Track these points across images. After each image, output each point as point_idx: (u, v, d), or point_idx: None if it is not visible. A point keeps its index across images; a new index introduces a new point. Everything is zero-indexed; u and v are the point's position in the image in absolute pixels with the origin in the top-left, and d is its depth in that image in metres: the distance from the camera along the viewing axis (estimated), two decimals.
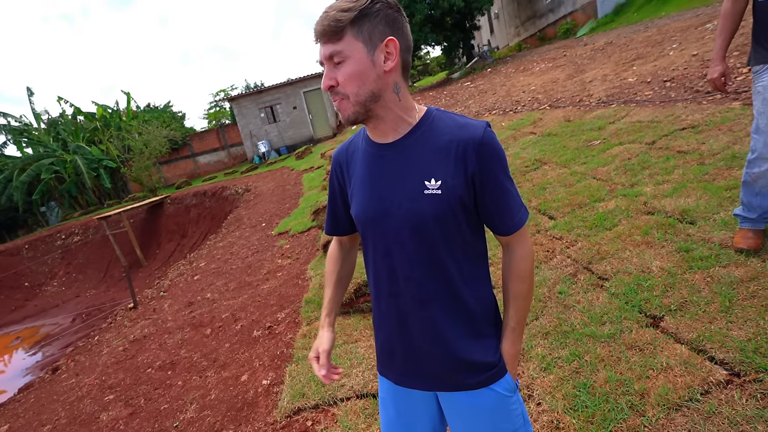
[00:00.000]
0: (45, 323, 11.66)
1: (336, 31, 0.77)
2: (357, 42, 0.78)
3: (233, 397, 2.65)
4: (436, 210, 0.82)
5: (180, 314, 4.68)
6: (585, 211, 3.11)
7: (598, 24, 13.68)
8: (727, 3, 1.89)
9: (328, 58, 0.80)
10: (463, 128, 0.83)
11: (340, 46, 0.78)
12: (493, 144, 0.82)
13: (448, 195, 0.82)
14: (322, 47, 0.80)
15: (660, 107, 4.53)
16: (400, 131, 0.86)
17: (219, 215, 12.40)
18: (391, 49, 0.81)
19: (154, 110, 24.18)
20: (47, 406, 3.69)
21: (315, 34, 0.80)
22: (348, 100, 0.81)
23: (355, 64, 0.79)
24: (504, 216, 0.87)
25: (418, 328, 0.91)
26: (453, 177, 0.82)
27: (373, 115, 0.84)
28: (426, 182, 0.83)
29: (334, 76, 0.80)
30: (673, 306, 1.90)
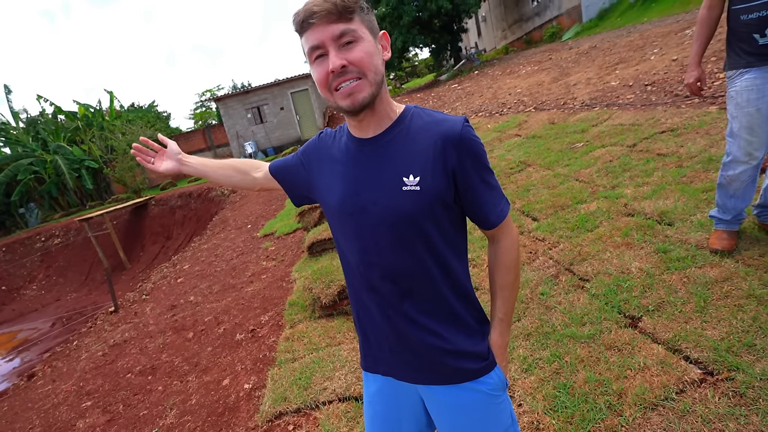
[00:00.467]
0: (23, 328, 11.33)
1: (348, 10, 0.75)
2: (363, 27, 0.78)
3: (214, 402, 2.61)
4: (415, 206, 0.81)
5: (162, 318, 4.59)
6: (567, 212, 3.15)
7: (582, 28, 13.92)
8: (703, 10, 1.94)
9: (338, 38, 0.75)
10: (441, 124, 0.82)
11: (353, 25, 0.76)
12: (472, 138, 0.81)
13: (428, 191, 0.80)
14: (326, 28, 0.75)
15: (641, 110, 4.61)
16: (381, 125, 0.85)
17: (204, 217, 12.25)
18: (384, 42, 0.84)
19: (138, 110, 23.78)
20: (21, 414, 3.58)
21: (316, 14, 0.74)
22: (365, 80, 0.77)
23: (369, 45, 0.78)
24: (488, 209, 0.86)
25: (402, 321, 0.89)
26: (432, 173, 0.80)
27: (375, 103, 0.82)
28: (404, 178, 0.81)
29: (345, 55, 0.76)
30: (650, 306, 1.93)
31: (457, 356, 0.89)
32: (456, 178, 0.81)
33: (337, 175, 0.90)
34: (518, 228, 3.22)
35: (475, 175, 0.82)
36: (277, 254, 5.21)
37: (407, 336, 0.89)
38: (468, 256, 0.98)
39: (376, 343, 0.96)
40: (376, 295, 0.89)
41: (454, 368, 0.89)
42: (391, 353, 0.93)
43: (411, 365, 0.92)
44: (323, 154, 0.96)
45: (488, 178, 0.85)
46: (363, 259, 0.88)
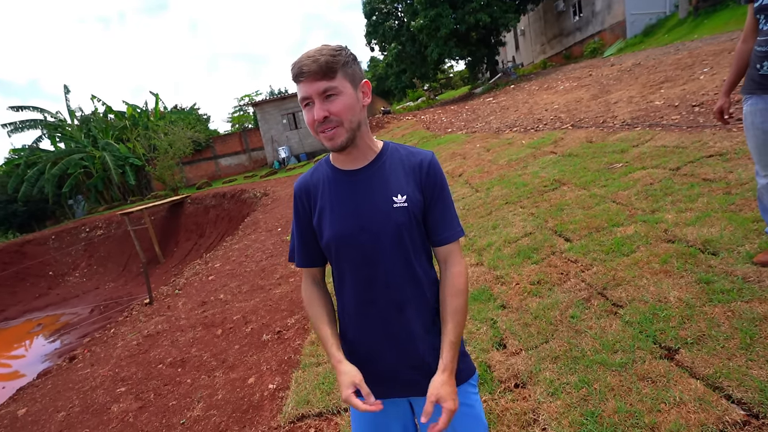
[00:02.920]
0: (65, 312, 12.02)
1: (331, 71, 0.91)
2: (346, 81, 0.94)
3: (239, 399, 2.68)
4: (404, 219, 0.98)
5: (193, 313, 4.77)
6: (602, 235, 3.06)
7: (626, 44, 13.55)
8: (739, 43, 2.08)
9: (321, 93, 0.91)
10: (416, 155, 1.04)
11: (334, 83, 0.92)
12: (437, 166, 1.04)
13: (412, 206, 0.99)
14: (312, 84, 0.91)
15: (687, 132, 4.44)
16: (367, 158, 1.03)
17: (236, 217, 12.63)
18: (365, 89, 0.99)
19: (181, 112, 24.95)
20: (63, 393, 3.80)
21: (305, 73, 0.91)
22: (342, 127, 0.94)
23: (348, 98, 0.94)
24: (446, 225, 1.03)
25: (396, 330, 1.02)
26: (413, 191, 1.00)
27: (354, 143, 0.98)
28: (394, 198, 0.99)
29: (327, 107, 0.92)
30: (689, 339, 1.85)
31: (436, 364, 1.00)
32: (425, 195, 1.02)
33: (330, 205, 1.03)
34: (549, 247, 3.17)
35: (439, 194, 1.03)
36: None
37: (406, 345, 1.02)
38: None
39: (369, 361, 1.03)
40: (373, 307, 1.02)
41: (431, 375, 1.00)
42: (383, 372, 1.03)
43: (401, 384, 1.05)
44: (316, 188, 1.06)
45: (449, 200, 1.05)
46: (362, 274, 1.01)
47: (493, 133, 8.45)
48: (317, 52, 0.92)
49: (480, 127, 9.66)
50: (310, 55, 0.92)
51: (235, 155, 21.56)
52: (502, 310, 2.61)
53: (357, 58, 1.00)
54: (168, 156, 18.06)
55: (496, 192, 4.84)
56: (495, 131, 8.59)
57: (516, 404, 1.86)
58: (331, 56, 0.91)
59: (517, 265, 3.08)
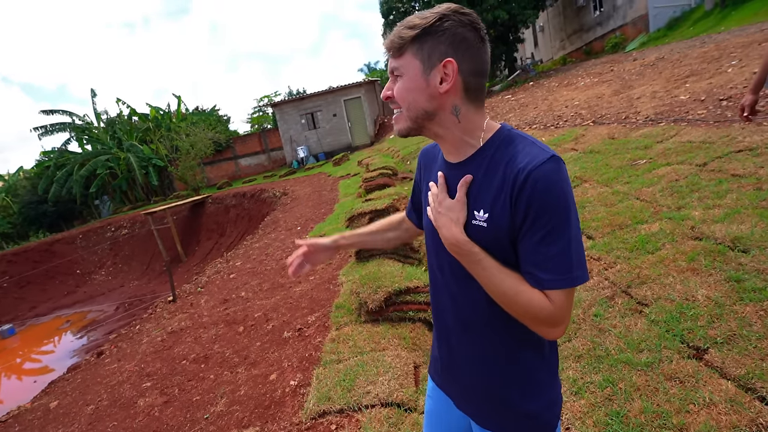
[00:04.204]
0: (92, 309, 12.43)
1: (398, 48, 0.80)
2: (415, 60, 0.79)
3: (261, 395, 2.73)
4: (480, 242, 0.78)
5: (215, 310, 4.87)
6: (626, 232, 2.99)
7: (649, 38, 13.19)
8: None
9: (391, 72, 0.84)
10: (519, 157, 0.75)
11: (399, 62, 0.81)
12: (547, 182, 0.71)
13: (494, 229, 0.77)
14: (390, 60, 0.84)
15: (714, 127, 4.30)
16: (462, 153, 0.84)
17: (256, 217, 12.82)
18: (448, 71, 0.77)
19: (202, 113, 25.44)
20: (91, 387, 3.94)
21: (384, 46, 0.85)
22: (403, 114, 0.84)
23: (409, 81, 0.81)
24: (538, 266, 0.73)
25: (456, 347, 0.92)
26: (501, 209, 0.76)
27: (430, 132, 0.85)
28: (475, 212, 0.79)
29: (392, 87, 0.84)
30: (719, 338, 1.80)
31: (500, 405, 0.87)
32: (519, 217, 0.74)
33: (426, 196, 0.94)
34: None
35: (535, 223, 0.72)
36: None
37: (456, 365, 0.94)
38: None
39: (435, 357, 1.01)
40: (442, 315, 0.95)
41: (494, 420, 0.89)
42: (443, 372, 1.00)
43: (457, 393, 0.97)
44: (428, 167, 0.99)
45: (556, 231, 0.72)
46: (435, 277, 0.94)
47: None
48: (401, 23, 0.81)
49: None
50: (399, 23, 0.82)
51: (254, 155, 21.88)
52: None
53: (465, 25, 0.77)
54: (190, 156, 18.47)
55: None
56: None
57: None
58: (406, 28, 0.79)
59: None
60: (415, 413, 2.07)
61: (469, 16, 0.77)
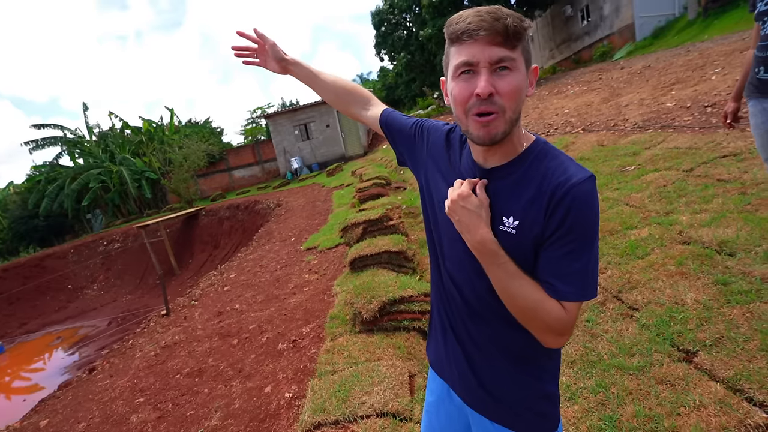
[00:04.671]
0: (84, 325, 12.24)
1: (517, 37, 0.70)
2: (522, 58, 0.73)
3: (256, 408, 2.70)
4: (503, 248, 0.77)
5: (209, 323, 4.83)
6: (616, 238, 3.04)
7: (636, 47, 13.47)
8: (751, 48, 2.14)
9: (495, 62, 0.70)
10: (559, 174, 0.74)
11: (515, 54, 0.71)
12: (587, 201, 0.72)
13: (522, 237, 0.76)
14: (485, 48, 0.70)
15: (699, 133, 4.39)
16: (502, 159, 0.81)
17: (250, 228, 12.78)
18: (533, 77, 0.78)
19: (195, 125, 25.47)
20: (83, 404, 3.87)
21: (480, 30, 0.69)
22: (503, 115, 0.73)
23: (521, 78, 0.73)
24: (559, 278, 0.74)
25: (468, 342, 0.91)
26: (532, 220, 0.75)
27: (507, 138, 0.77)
28: (504, 218, 0.78)
29: (495, 84, 0.71)
30: (708, 341, 1.82)
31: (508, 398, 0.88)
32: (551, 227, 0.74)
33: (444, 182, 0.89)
34: None
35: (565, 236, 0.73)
36: (320, 268, 5.36)
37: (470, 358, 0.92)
38: None
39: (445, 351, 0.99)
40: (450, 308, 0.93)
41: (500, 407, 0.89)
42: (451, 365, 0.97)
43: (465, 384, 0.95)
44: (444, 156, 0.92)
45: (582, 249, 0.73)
46: (447, 269, 0.91)
47: None
48: (499, 9, 0.70)
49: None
50: (491, 11, 0.70)
51: (248, 167, 21.87)
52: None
53: None
54: (183, 169, 18.41)
55: None
56: None
57: None
58: (519, 19, 0.70)
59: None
60: (410, 423, 2.06)
61: None
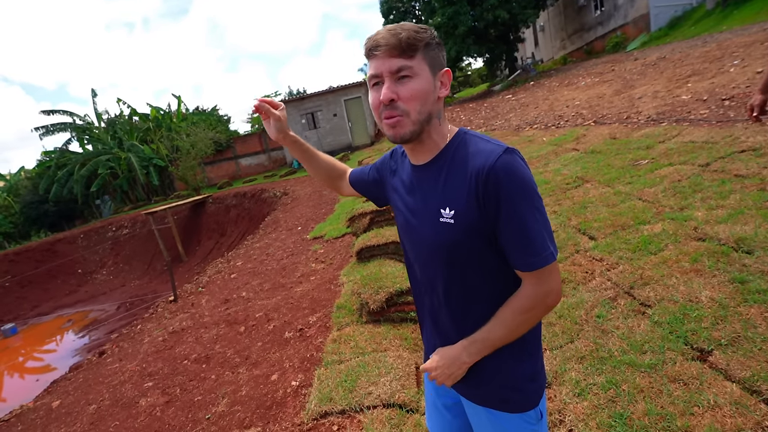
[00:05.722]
0: (93, 309, 12.43)
1: (410, 48, 0.79)
2: (424, 64, 0.81)
3: (263, 395, 2.72)
4: (449, 238, 0.83)
5: (216, 310, 4.86)
6: (628, 233, 2.99)
7: (650, 38, 13.17)
8: None
9: (394, 72, 0.80)
10: (477, 155, 0.81)
11: (411, 62, 0.80)
12: (506, 172, 0.77)
13: (461, 224, 0.81)
14: (385, 60, 0.80)
15: (717, 127, 4.29)
16: (429, 155, 0.89)
17: (257, 216, 12.81)
18: (445, 79, 0.85)
19: (202, 113, 25.44)
20: (94, 386, 3.94)
21: (380, 47, 0.79)
22: (407, 118, 0.81)
23: (423, 83, 0.81)
24: (516, 253, 0.80)
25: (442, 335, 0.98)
26: (466, 207, 0.80)
27: (421, 137, 0.86)
28: (441, 210, 0.84)
29: (396, 90, 0.80)
30: (723, 340, 1.79)
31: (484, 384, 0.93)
32: (489, 212, 0.79)
33: (399, 195, 0.99)
34: (573, 246, 3.10)
35: (508, 211, 0.77)
36: (326, 257, 5.36)
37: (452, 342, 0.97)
38: None
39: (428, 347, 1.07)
40: (423, 305, 1.01)
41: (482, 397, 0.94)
42: None
43: None
44: (393, 173, 1.04)
45: (526, 217, 0.77)
46: (413, 272, 1.01)
47: (512, 131, 8.34)
48: (398, 26, 0.80)
49: (499, 124, 9.55)
50: (390, 28, 0.80)
51: (255, 155, 21.86)
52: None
53: (441, 45, 0.86)
54: (190, 156, 18.45)
55: None
56: (515, 129, 8.48)
57: None
58: (414, 32, 0.80)
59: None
60: (417, 414, 2.06)
61: None
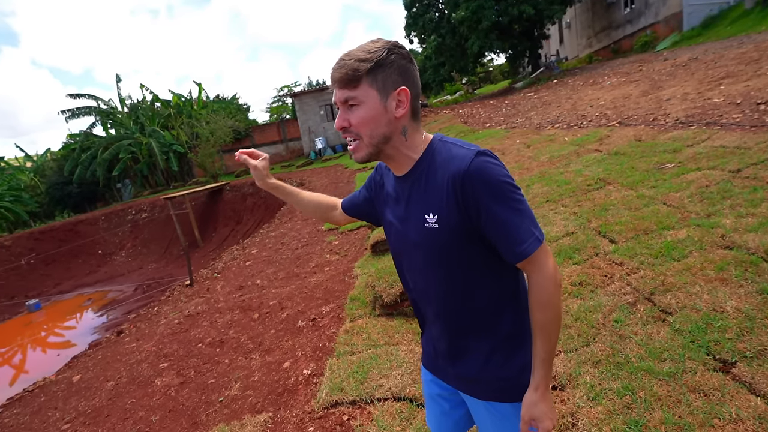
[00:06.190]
0: (112, 289, 12.78)
1: (353, 80, 0.83)
2: (371, 90, 0.84)
3: (275, 382, 2.76)
4: (435, 243, 0.88)
5: (231, 296, 4.95)
6: (651, 237, 2.91)
7: (682, 37, 12.75)
8: None
9: (343, 102, 0.86)
10: (450, 162, 0.85)
11: (355, 92, 0.84)
12: (480, 174, 0.81)
13: (446, 228, 0.86)
14: (337, 91, 0.87)
15: (750, 132, 4.14)
16: (406, 166, 0.93)
17: (273, 206, 12.94)
18: (402, 98, 0.86)
19: (222, 101, 25.70)
20: (112, 364, 4.06)
21: (332, 80, 0.86)
22: (361, 141, 0.88)
23: (369, 110, 0.85)
24: (505, 247, 0.84)
25: (437, 336, 1.02)
26: (448, 211, 0.85)
27: (384, 155, 0.91)
28: (426, 216, 0.88)
29: (347, 117, 0.87)
30: (749, 352, 1.73)
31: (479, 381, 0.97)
32: (470, 214, 0.83)
33: (389, 207, 1.02)
34: (593, 248, 3.05)
35: (486, 210, 0.82)
36: (341, 249, 5.39)
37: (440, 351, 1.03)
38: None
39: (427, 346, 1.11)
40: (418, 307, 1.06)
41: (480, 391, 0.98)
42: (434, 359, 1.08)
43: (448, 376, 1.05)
44: (381, 187, 1.07)
45: (503, 213, 0.82)
46: (405, 277, 1.03)
47: (533, 129, 8.20)
48: (347, 56, 0.84)
49: (520, 122, 9.40)
50: (341, 59, 0.85)
51: (272, 144, 22.02)
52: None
53: (405, 57, 0.86)
54: (209, 144, 18.69)
55: (536, 189, 4.71)
56: (536, 127, 8.33)
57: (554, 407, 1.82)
58: (357, 61, 0.83)
59: (557, 265, 2.99)
60: None
61: (404, 49, 0.86)
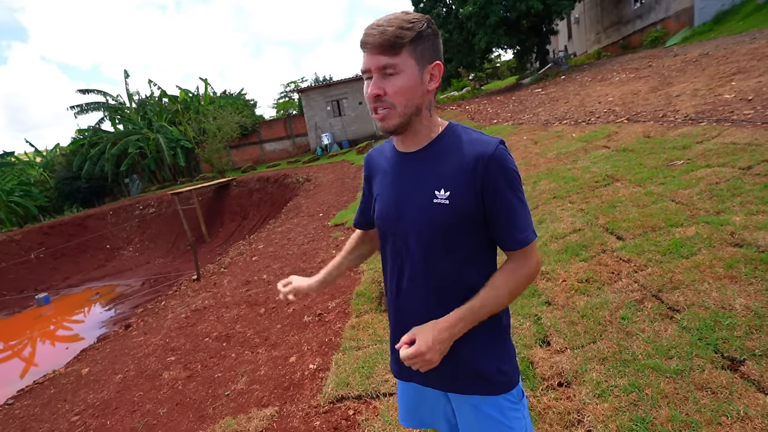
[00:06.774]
0: (120, 283, 12.93)
1: (394, 46, 0.83)
2: (410, 60, 0.84)
3: (281, 376, 2.79)
4: (442, 219, 0.88)
5: (237, 291, 4.98)
6: (659, 235, 2.89)
7: (693, 33, 12.56)
8: None
9: (380, 69, 0.84)
10: (475, 144, 0.88)
11: (395, 60, 0.83)
12: (502, 161, 0.85)
13: (456, 206, 0.87)
14: (372, 57, 0.84)
15: (762, 128, 4.07)
16: (421, 143, 0.94)
17: (279, 201, 12.99)
18: (435, 72, 0.88)
19: (229, 97, 25.77)
20: (120, 357, 4.11)
21: (368, 44, 0.84)
22: (394, 110, 0.87)
23: (408, 79, 0.85)
24: (508, 232, 0.88)
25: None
26: (463, 190, 0.86)
27: (411, 127, 0.91)
28: (436, 192, 0.88)
29: (383, 86, 0.85)
30: (758, 351, 1.72)
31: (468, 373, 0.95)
32: (483, 197, 0.86)
33: (384, 184, 1.00)
34: (600, 245, 3.03)
35: (501, 197, 0.86)
36: None
37: None
38: None
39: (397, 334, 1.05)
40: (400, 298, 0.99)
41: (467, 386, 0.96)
42: None
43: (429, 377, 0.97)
44: (377, 168, 1.06)
45: (515, 202, 0.87)
46: (395, 263, 0.98)
47: (541, 125, 8.14)
48: (387, 22, 0.83)
49: (527, 118, 9.33)
50: (380, 23, 0.83)
51: (279, 140, 22.08)
52: (547, 307, 2.54)
53: (436, 34, 0.88)
54: (216, 139, 18.78)
55: (543, 186, 4.68)
56: (543, 123, 8.27)
57: (559, 403, 1.81)
58: (400, 28, 0.82)
59: (564, 261, 2.97)
60: None
61: (435, 26, 0.88)
